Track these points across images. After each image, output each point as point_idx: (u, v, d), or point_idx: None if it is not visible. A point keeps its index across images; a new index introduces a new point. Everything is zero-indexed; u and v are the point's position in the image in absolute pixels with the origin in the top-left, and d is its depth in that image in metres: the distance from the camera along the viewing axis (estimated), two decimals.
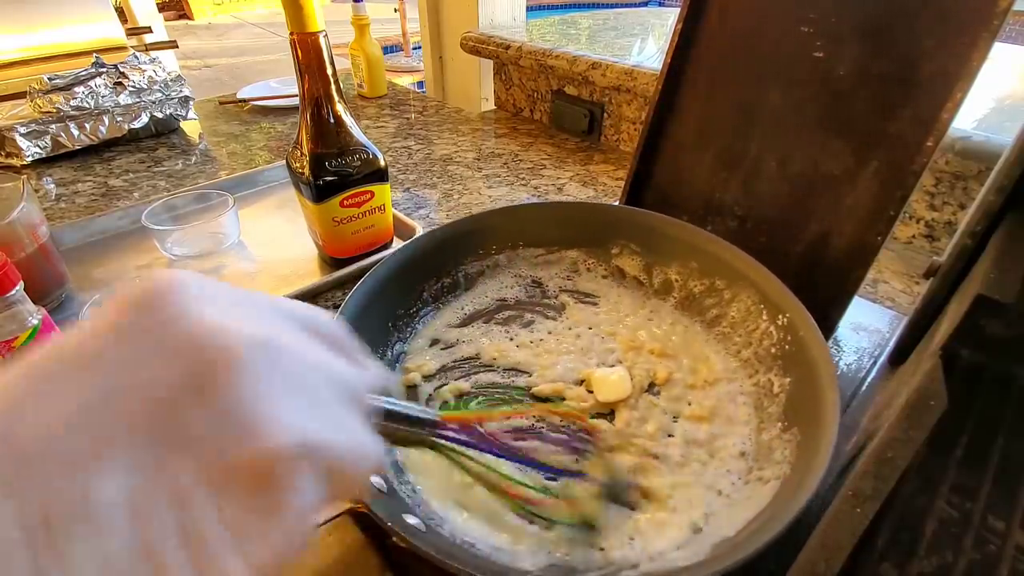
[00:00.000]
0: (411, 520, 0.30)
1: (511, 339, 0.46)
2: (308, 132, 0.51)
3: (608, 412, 0.40)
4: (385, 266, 0.44)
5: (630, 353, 0.44)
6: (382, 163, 0.55)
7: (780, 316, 0.39)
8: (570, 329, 0.47)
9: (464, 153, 0.90)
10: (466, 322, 0.48)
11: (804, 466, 0.30)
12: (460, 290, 0.50)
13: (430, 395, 0.42)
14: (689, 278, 0.47)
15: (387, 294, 0.44)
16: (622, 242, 0.50)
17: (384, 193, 0.56)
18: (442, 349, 0.45)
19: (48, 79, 0.82)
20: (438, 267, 0.49)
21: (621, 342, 0.45)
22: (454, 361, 0.44)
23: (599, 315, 0.48)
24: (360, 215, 0.55)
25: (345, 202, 0.54)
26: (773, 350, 0.39)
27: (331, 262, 0.59)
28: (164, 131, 0.94)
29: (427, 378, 0.43)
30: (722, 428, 0.39)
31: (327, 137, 0.51)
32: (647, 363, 0.43)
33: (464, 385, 0.42)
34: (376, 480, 0.32)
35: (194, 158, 0.87)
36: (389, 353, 0.44)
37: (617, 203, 0.57)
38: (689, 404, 0.40)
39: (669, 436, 0.38)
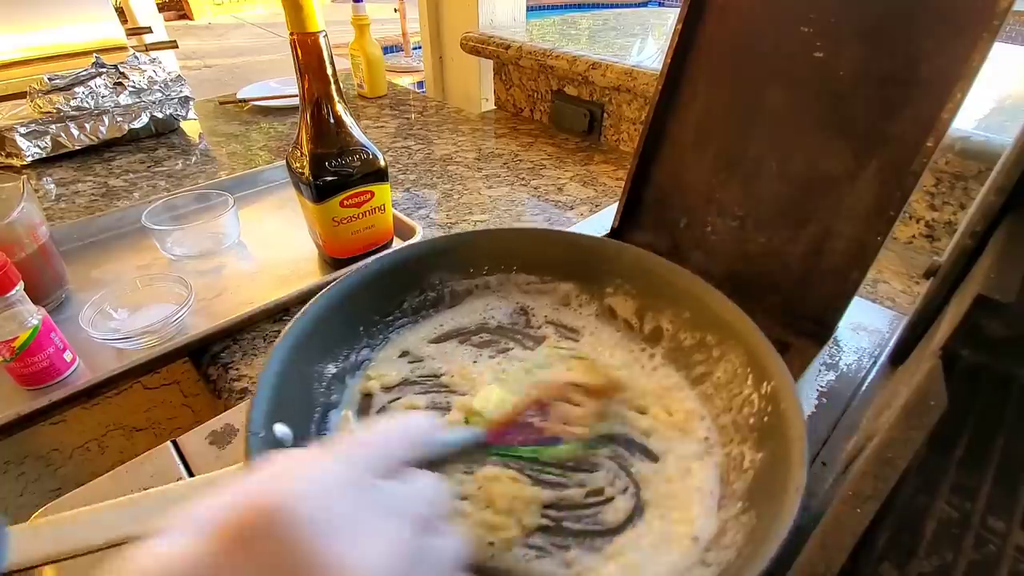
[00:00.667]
0: None
1: (477, 363, 0.44)
2: (308, 132, 0.51)
3: None
4: (359, 273, 0.42)
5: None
6: (382, 163, 0.55)
7: (765, 383, 0.36)
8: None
9: (464, 153, 0.90)
10: (441, 339, 0.45)
11: (749, 555, 0.27)
12: (443, 306, 0.48)
13: (383, 407, 0.40)
14: (681, 329, 0.43)
15: (363, 298, 0.42)
16: (618, 282, 0.47)
17: (384, 193, 0.56)
18: (410, 362, 0.43)
19: (48, 79, 0.82)
20: (422, 279, 0.47)
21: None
22: (418, 376, 0.42)
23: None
24: (360, 215, 0.55)
25: (345, 202, 0.54)
26: (752, 420, 0.36)
27: (331, 262, 0.59)
28: (164, 131, 0.94)
29: (386, 389, 0.41)
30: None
31: (327, 137, 0.51)
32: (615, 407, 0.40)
33: (419, 402, 0.40)
34: None
35: (194, 158, 0.87)
36: (354, 357, 0.42)
37: (617, 204, 0.57)
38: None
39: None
